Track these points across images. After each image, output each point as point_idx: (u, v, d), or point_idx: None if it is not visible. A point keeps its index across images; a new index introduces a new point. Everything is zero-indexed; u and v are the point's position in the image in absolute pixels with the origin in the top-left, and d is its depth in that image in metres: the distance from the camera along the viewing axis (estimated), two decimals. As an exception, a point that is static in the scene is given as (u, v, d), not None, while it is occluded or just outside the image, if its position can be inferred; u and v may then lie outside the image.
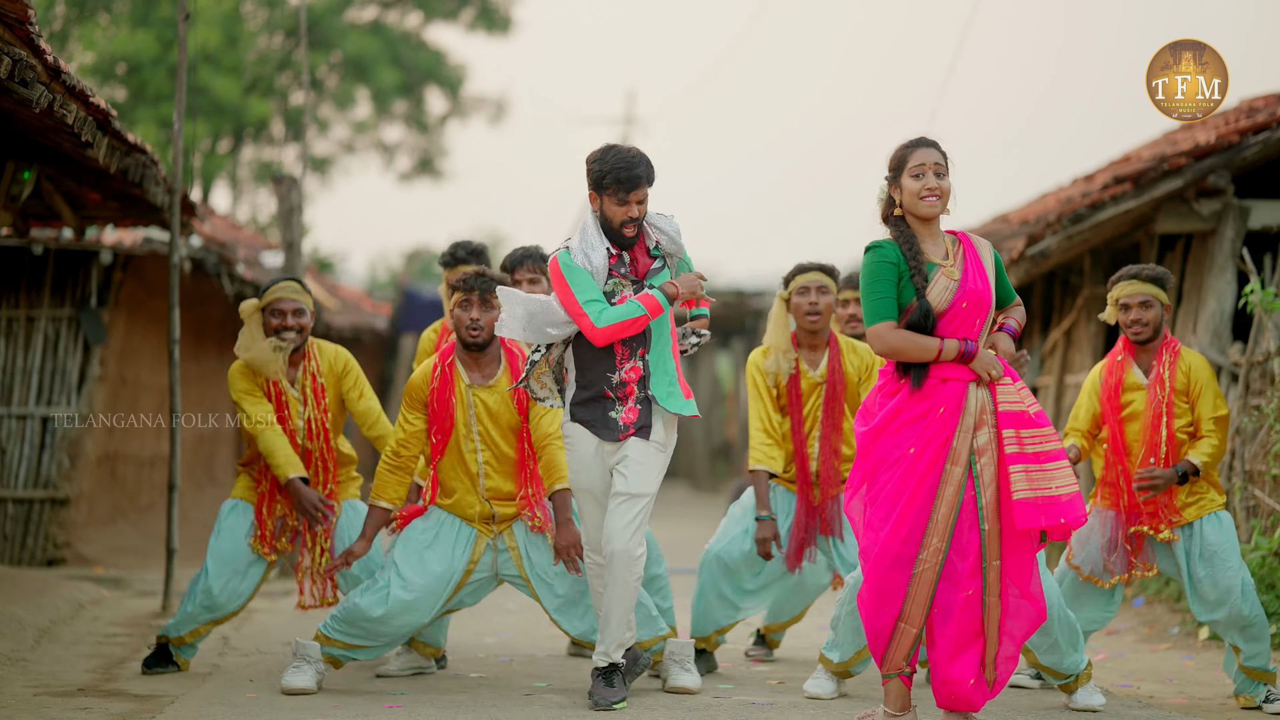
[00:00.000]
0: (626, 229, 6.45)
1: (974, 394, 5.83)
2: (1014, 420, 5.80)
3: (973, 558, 5.78)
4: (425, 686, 7.36)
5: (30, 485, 12.67)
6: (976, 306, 5.86)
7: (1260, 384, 10.15)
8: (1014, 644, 5.85)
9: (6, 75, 6.23)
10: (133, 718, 6.50)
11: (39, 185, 10.31)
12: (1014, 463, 5.75)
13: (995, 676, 5.84)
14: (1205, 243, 11.35)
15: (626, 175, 6.37)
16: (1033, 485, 5.73)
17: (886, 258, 5.88)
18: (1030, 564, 5.83)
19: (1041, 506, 5.72)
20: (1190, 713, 7.00)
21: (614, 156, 6.40)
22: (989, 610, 5.80)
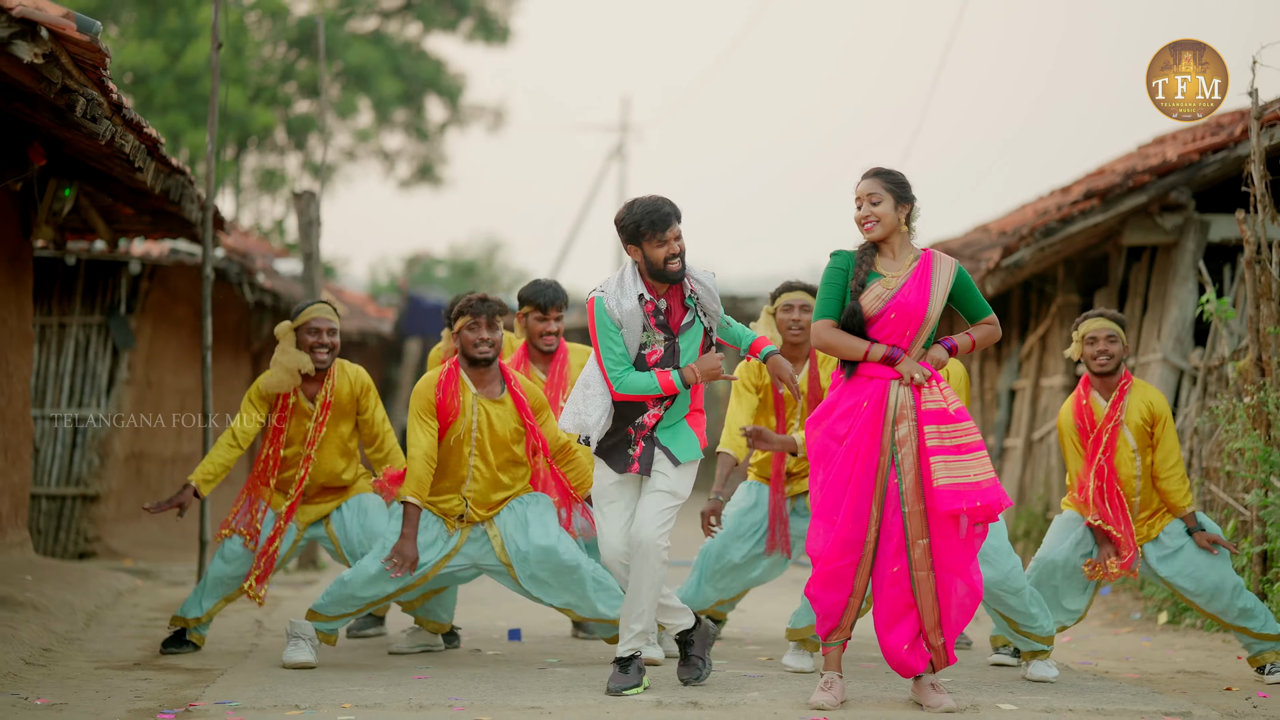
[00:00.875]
0: (671, 264, 6.96)
1: (894, 391, 6.66)
2: (936, 417, 6.61)
3: (896, 538, 6.60)
4: (447, 662, 8.11)
5: (62, 483, 13.43)
6: (906, 318, 6.67)
7: (1216, 386, 10.91)
8: (953, 616, 6.62)
9: (81, 114, 6.97)
10: (189, 686, 7.25)
11: (77, 201, 11.03)
12: (935, 454, 6.57)
13: (940, 644, 6.61)
14: (1169, 254, 12.12)
15: (658, 217, 6.94)
16: (951, 474, 6.54)
17: (839, 264, 6.75)
18: (961, 545, 6.61)
19: (959, 492, 6.53)
20: (1139, 684, 7.75)
21: (640, 207, 6.98)
22: (918, 585, 6.59)
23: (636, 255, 7.00)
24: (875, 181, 6.80)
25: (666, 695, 6.97)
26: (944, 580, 6.62)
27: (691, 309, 7.07)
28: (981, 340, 6.91)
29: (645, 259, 6.98)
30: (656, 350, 7.02)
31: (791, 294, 8.27)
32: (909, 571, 6.62)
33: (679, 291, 7.07)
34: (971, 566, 6.66)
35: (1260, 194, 9.41)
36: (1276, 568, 9.25)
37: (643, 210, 6.95)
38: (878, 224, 6.76)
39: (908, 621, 6.64)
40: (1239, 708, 7.10)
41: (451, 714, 6.50)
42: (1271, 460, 9.27)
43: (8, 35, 6.23)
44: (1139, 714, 6.75)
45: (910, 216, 6.84)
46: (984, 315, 6.93)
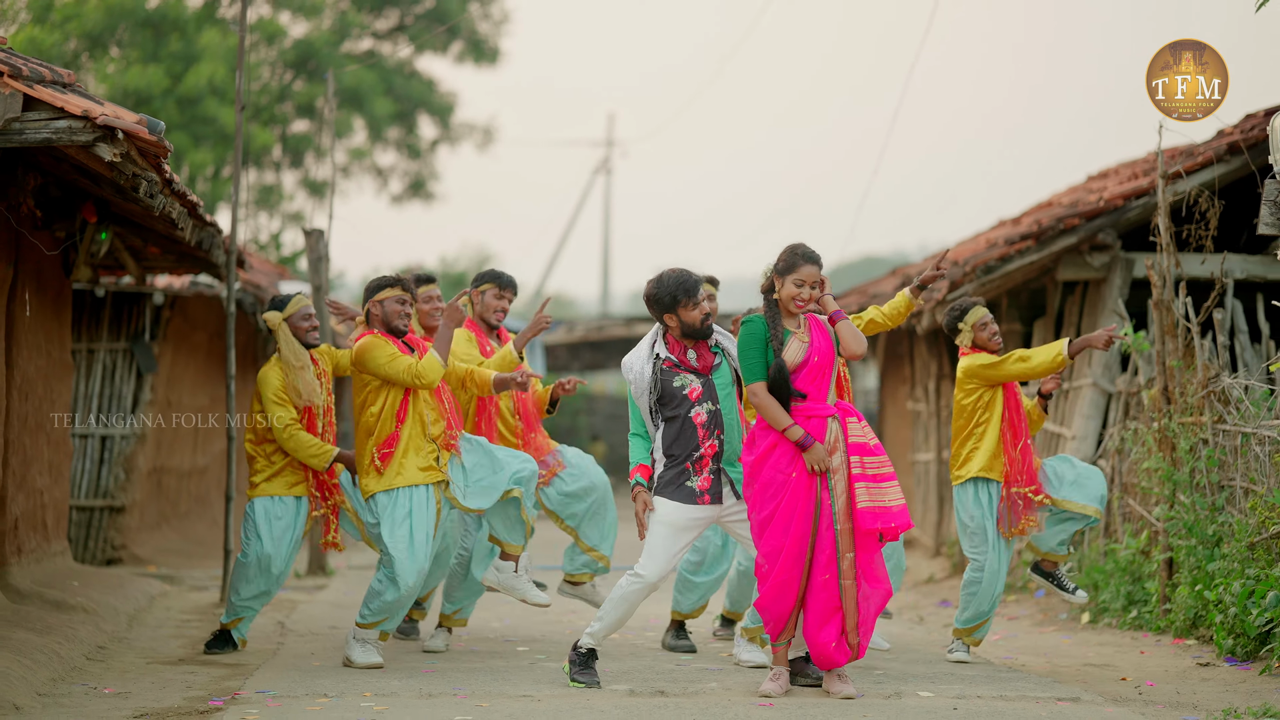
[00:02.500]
0: (706, 323, 8.18)
1: (831, 427, 7.93)
2: (860, 449, 7.91)
3: (828, 551, 7.86)
4: (450, 659, 9.35)
5: (91, 495, 14.69)
6: (825, 361, 7.97)
7: (1135, 409, 12.19)
8: (870, 616, 7.89)
9: (143, 194, 8.23)
10: (231, 679, 8.49)
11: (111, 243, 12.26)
12: (858, 480, 7.86)
13: (857, 641, 7.88)
14: (1098, 289, 13.39)
15: (690, 285, 8.14)
16: (872, 498, 7.84)
17: (755, 331, 8.00)
18: (876, 556, 7.92)
19: (877, 514, 7.83)
20: (1049, 675, 9.00)
21: (671, 279, 8.13)
22: (845, 591, 7.85)
23: (672, 322, 8.17)
24: (818, 268, 8.04)
25: (638, 685, 8.23)
26: (863, 588, 7.88)
27: (719, 353, 8.25)
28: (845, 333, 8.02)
29: (681, 323, 8.15)
30: (695, 388, 8.16)
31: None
32: (837, 580, 7.86)
33: (704, 342, 8.24)
34: (884, 573, 7.96)
35: (1166, 243, 10.68)
36: (1179, 573, 10.50)
37: (674, 282, 8.13)
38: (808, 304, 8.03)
39: (834, 622, 7.89)
40: (1124, 693, 8.35)
41: (455, 701, 7.74)
42: (1174, 479, 10.55)
43: (92, 139, 7.48)
44: (1035, 699, 8.01)
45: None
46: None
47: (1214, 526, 10.15)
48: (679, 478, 8.12)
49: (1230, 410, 10.37)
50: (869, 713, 7.54)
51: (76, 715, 7.34)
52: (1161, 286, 10.78)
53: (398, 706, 7.57)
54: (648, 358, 8.21)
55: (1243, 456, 10.14)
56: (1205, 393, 10.50)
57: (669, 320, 8.19)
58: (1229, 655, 9.39)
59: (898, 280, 18.41)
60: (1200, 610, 10.07)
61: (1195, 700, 8.17)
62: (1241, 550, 9.60)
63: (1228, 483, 10.29)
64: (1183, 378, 10.74)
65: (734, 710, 7.56)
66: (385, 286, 8.97)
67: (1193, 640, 10.17)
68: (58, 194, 10.31)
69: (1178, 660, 9.64)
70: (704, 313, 8.17)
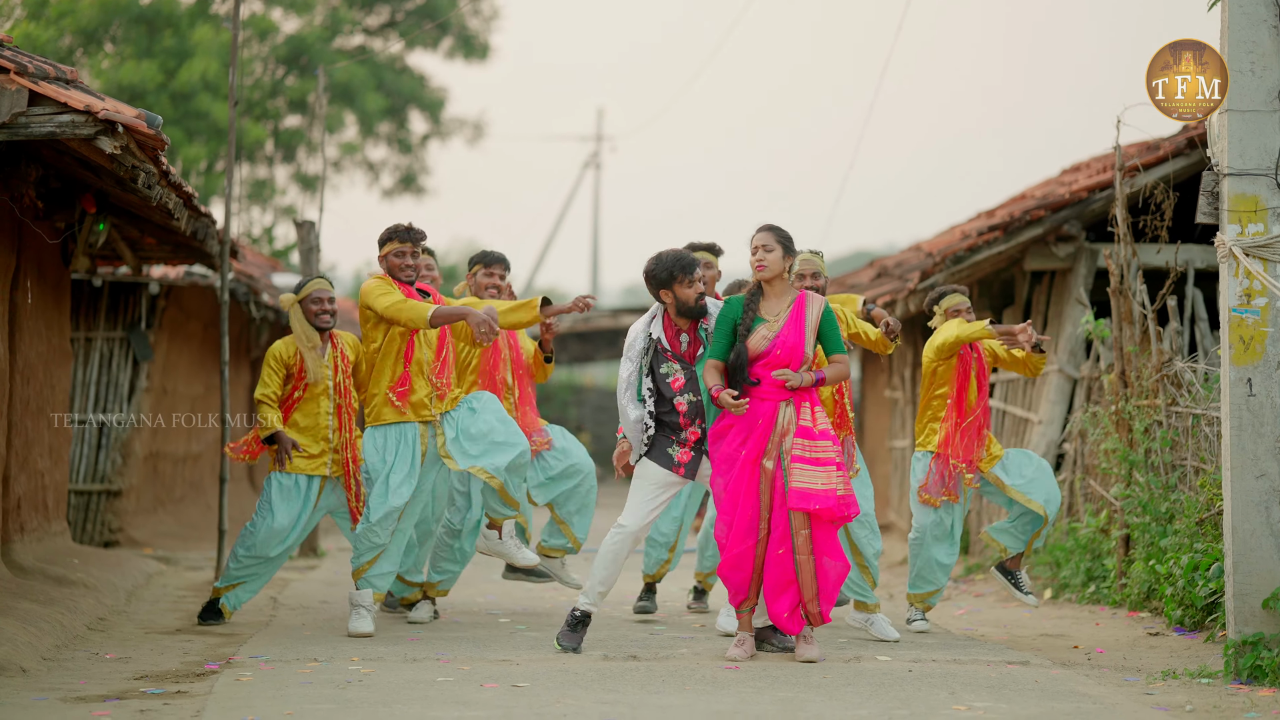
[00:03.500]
0: (701, 300, 8.55)
1: (783, 411, 8.34)
2: (805, 433, 8.30)
3: (781, 527, 8.27)
4: (434, 628, 9.80)
5: (89, 479, 15.14)
6: (789, 354, 8.38)
7: (1097, 395, 12.64)
8: (830, 588, 8.31)
9: (142, 184, 8.68)
10: (225, 646, 8.94)
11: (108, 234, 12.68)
12: (796, 461, 8.25)
13: (817, 611, 8.30)
14: (1064, 278, 13.84)
15: (687, 262, 8.52)
16: (803, 480, 8.22)
17: (729, 311, 8.47)
18: (831, 535, 8.31)
19: (805, 494, 8.22)
20: (1006, 644, 9.45)
21: (669, 257, 8.53)
22: (800, 566, 8.26)
23: (668, 299, 8.56)
24: (767, 234, 8.50)
25: (611, 651, 8.68)
26: (820, 562, 8.31)
27: (704, 340, 8.62)
28: (830, 378, 8.45)
29: (676, 300, 8.54)
30: (679, 378, 8.59)
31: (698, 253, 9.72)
32: (792, 555, 8.29)
33: (695, 326, 8.62)
34: (837, 551, 8.36)
35: (1123, 233, 11.14)
36: (1134, 549, 10.96)
37: (673, 258, 8.54)
38: (767, 267, 8.45)
39: (789, 594, 8.31)
40: (1074, 659, 8.81)
41: (439, 665, 8.19)
42: (1131, 459, 11.00)
43: (94, 133, 7.93)
44: (987, 662, 8.47)
45: (792, 267, 8.56)
46: (837, 352, 8.55)
47: (1167, 504, 10.60)
48: (664, 444, 8.60)
49: (1182, 393, 10.83)
50: (828, 674, 7.99)
51: (80, 676, 7.78)
52: (1119, 276, 11.24)
53: (383, 669, 8.01)
54: (643, 331, 8.63)
55: (1194, 437, 10.58)
56: (1159, 377, 10.95)
57: (665, 297, 8.57)
58: (1178, 625, 9.85)
59: (874, 271, 18.88)
60: (1153, 584, 10.53)
61: (1140, 665, 8.62)
62: (1191, 526, 10.05)
63: (1180, 462, 10.74)
64: (1139, 363, 11.19)
65: (701, 672, 8.00)
66: (385, 240, 9.45)
67: (1146, 613, 10.63)
68: (58, 185, 10.76)
69: (1130, 631, 10.10)
70: (699, 291, 8.53)
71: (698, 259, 8.61)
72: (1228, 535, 8.02)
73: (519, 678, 7.77)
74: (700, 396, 8.55)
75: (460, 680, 7.70)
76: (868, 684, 7.73)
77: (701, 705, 7.13)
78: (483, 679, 7.72)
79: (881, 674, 8.03)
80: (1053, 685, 7.77)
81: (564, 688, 7.52)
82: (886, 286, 16.52)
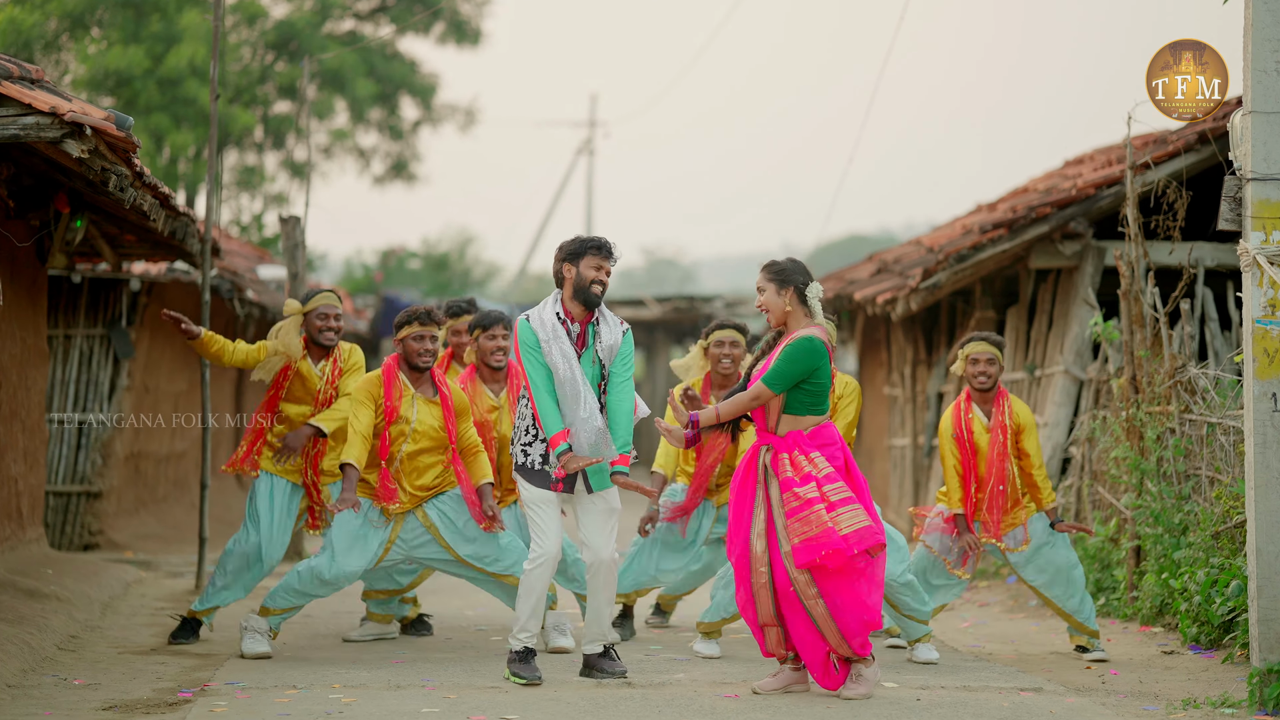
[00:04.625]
0: (595, 287, 8.05)
1: (762, 456, 7.84)
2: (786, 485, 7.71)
3: (782, 574, 7.76)
4: (421, 649, 9.42)
5: (68, 480, 14.74)
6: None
7: (1107, 398, 12.26)
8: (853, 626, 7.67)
9: (113, 188, 8.27)
10: (201, 669, 8.55)
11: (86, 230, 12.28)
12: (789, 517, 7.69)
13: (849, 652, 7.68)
14: (1070, 277, 13.46)
15: (603, 243, 8.07)
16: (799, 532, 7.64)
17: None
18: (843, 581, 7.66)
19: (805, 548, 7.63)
20: (1015, 664, 9.08)
21: (588, 236, 8.10)
22: (811, 610, 7.69)
23: (570, 274, 8.04)
24: (760, 275, 7.99)
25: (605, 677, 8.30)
26: (832, 603, 7.67)
27: (589, 340, 8.06)
28: (725, 410, 7.82)
29: (578, 275, 8.03)
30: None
31: (722, 332, 9.55)
32: (800, 602, 7.76)
33: (587, 319, 8.07)
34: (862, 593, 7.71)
35: (1134, 233, 10.76)
36: (1146, 561, 10.59)
37: (590, 237, 8.10)
38: (767, 310, 7.97)
39: (811, 645, 7.76)
40: (1088, 683, 8.44)
41: (424, 693, 7.80)
42: (1142, 468, 10.63)
43: (60, 135, 7.52)
44: (999, 689, 8.09)
45: (801, 297, 7.90)
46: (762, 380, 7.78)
47: (1180, 515, 10.23)
48: (540, 462, 8.04)
49: (1196, 400, 10.45)
50: (832, 705, 7.60)
51: (45, 707, 7.38)
52: (1130, 277, 10.85)
53: (366, 698, 7.63)
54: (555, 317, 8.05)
55: (1208, 446, 10.21)
56: (1172, 382, 10.57)
57: (568, 271, 8.06)
58: (1193, 643, 9.48)
59: (874, 266, 18.49)
60: (1166, 598, 10.16)
61: (1157, 690, 8.25)
62: (1206, 539, 9.68)
63: (1194, 472, 10.37)
64: (1150, 367, 10.81)
65: (700, 701, 7.63)
66: (404, 324, 8.92)
67: (1159, 628, 10.26)
68: (30, 183, 10.35)
69: (1143, 648, 9.73)
70: (600, 278, 8.04)
71: (614, 250, 8.12)
72: (1251, 557, 7.63)
73: (509, 708, 7.39)
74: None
75: (446, 710, 7.32)
76: (874, 716, 7.35)
77: (700, 741, 6.77)
78: (470, 709, 7.34)
79: (889, 704, 7.64)
80: (1069, 718, 7.39)
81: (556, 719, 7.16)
82: (887, 283, 16.12)
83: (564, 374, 7.96)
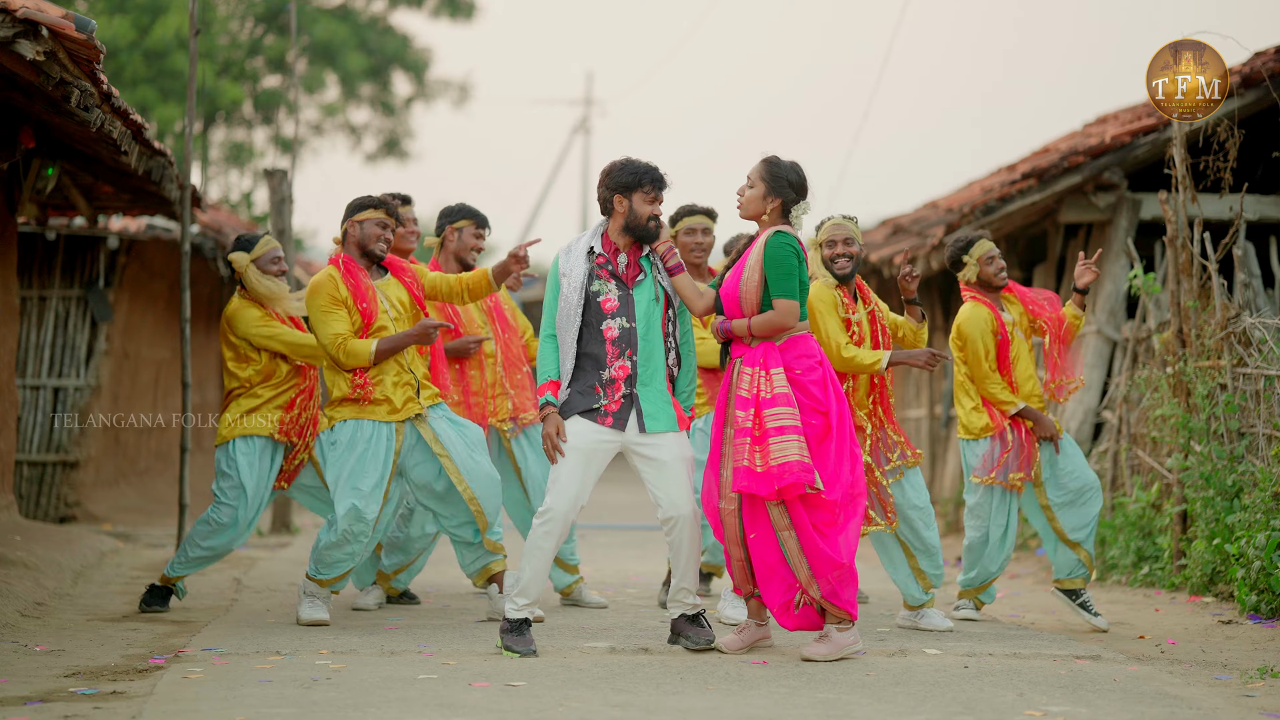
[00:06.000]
0: (652, 224, 7.32)
1: (734, 371, 7.19)
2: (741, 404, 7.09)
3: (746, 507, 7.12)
4: (417, 615, 8.67)
5: (43, 449, 13.96)
6: (727, 300, 7.26)
7: (1145, 357, 11.52)
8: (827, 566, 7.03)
9: (75, 104, 7.50)
10: (176, 636, 7.80)
11: (59, 179, 11.53)
12: (736, 436, 7.08)
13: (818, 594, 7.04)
14: (1103, 231, 12.72)
15: (659, 177, 7.33)
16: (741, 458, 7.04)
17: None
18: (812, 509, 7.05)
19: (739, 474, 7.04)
20: (1063, 634, 8.35)
21: (643, 164, 7.32)
22: (785, 544, 7.06)
23: (621, 206, 7.30)
24: (757, 167, 7.30)
25: (620, 642, 7.56)
26: (807, 535, 7.03)
27: (645, 269, 7.38)
28: (756, 325, 7.16)
29: (630, 211, 7.30)
30: (611, 298, 7.28)
31: (693, 218, 8.82)
32: (773, 534, 7.10)
33: (637, 251, 7.40)
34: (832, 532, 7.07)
35: (1181, 175, 10.01)
36: (1194, 527, 9.86)
37: (645, 167, 7.33)
38: (743, 205, 7.30)
39: (775, 581, 7.13)
40: (1147, 652, 7.70)
41: (421, 659, 7.06)
42: (1190, 427, 9.89)
43: (11, 35, 6.75)
44: (1052, 657, 7.35)
45: (785, 211, 7.25)
46: (776, 295, 7.15)
47: (1233, 477, 9.49)
48: (586, 396, 7.29)
49: (1251, 353, 9.71)
50: (873, 671, 6.87)
51: (2, 673, 6.64)
52: (1176, 223, 10.12)
53: (356, 664, 6.90)
54: (585, 255, 7.37)
55: (1265, 402, 9.49)
56: (1224, 334, 9.83)
57: (618, 204, 7.33)
58: (1253, 612, 8.76)
59: (888, 229, 17.74)
60: (1219, 565, 9.44)
61: (1223, 659, 7.52)
62: (1266, 501, 8.95)
63: (1248, 430, 9.64)
64: (1199, 319, 10.08)
65: (724, 669, 6.90)
66: (367, 207, 8.27)
67: (1210, 597, 9.54)
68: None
69: (1196, 618, 9.00)
70: (656, 212, 7.35)
71: (668, 182, 7.42)
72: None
73: (514, 675, 6.66)
74: (635, 324, 7.28)
75: (445, 678, 6.58)
76: (920, 683, 6.61)
77: (729, 709, 6.04)
78: (471, 676, 6.60)
79: (934, 671, 6.91)
80: (1135, 685, 6.66)
81: (566, 687, 6.41)
82: (905, 243, 15.36)
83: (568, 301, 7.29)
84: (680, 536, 7.35)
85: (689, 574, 7.41)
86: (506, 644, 7.26)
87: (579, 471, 7.26)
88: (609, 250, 7.37)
